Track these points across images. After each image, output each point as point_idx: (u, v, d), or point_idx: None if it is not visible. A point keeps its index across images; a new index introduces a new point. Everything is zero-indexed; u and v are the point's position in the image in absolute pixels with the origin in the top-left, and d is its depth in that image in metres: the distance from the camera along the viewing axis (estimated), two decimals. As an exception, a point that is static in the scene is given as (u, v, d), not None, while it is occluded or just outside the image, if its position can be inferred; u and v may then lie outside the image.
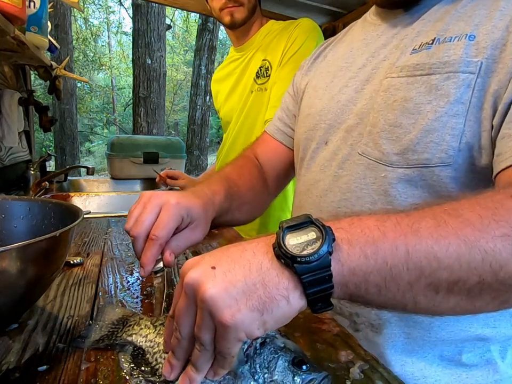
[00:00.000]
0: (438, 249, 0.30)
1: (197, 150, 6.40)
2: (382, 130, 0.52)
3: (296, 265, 0.29)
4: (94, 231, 0.89)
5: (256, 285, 0.30)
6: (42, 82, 4.45)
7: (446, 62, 0.48)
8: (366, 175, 0.54)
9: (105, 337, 0.42)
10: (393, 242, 0.31)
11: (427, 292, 0.31)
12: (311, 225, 0.32)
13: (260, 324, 0.30)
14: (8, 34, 0.81)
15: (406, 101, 0.50)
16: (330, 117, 0.62)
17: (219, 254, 0.33)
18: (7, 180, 1.34)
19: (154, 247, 0.46)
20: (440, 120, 0.47)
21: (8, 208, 0.55)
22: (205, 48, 6.15)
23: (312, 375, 0.33)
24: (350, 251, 0.31)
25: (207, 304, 0.29)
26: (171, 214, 0.48)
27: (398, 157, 0.50)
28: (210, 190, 0.60)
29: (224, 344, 0.30)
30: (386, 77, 0.54)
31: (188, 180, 1.51)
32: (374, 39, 0.61)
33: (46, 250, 0.40)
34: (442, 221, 0.32)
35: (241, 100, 1.23)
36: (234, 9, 1.11)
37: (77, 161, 6.85)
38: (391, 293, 0.32)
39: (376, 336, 0.55)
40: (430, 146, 0.47)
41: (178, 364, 0.34)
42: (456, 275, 0.30)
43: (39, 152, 2.72)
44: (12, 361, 0.38)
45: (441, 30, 0.51)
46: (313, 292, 0.30)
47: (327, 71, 0.68)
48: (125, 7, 11.16)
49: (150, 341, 0.39)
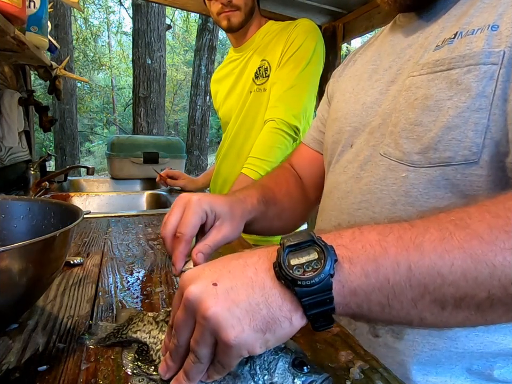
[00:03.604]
0: (441, 264, 0.29)
1: (197, 150, 6.40)
2: (403, 130, 0.50)
3: (297, 289, 0.29)
4: (94, 231, 0.89)
5: (260, 305, 0.30)
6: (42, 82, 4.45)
7: (466, 55, 0.45)
8: (386, 176, 0.53)
9: (112, 335, 0.42)
10: (394, 258, 0.30)
11: (433, 308, 0.30)
12: (313, 244, 0.31)
13: (262, 342, 0.30)
14: (8, 34, 0.81)
15: (427, 98, 0.48)
16: (355, 119, 0.61)
17: (219, 268, 0.33)
18: (7, 180, 1.34)
19: (181, 244, 0.47)
20: (462, 116, 0.44)
21: (8, 208, 0.55)
22: (205, 48, 6.15)
23: (313, 377, 0.32)
24: (351, 270, 0.30)
25: (209, 322, 0.29)
26: (193, 210, 0.48)
27: (419, 156, 0.48)
28: (241, 193, 0.61)
29: (224, 359, 0.30)
30: (408, 76, 0.52)
31: (188, 180, 1.51)
32: (400, 40, 0.60)
33: (46, 250, 0.40)
34: (448, 233, 0.30)
35: (240, 100, 1.23)
36: (231, 13, 1.12)
37: (77, 161, 6.85)
38: (394, 310, 0.31)
39: (397, 342, 0.52)
40: (452, 144, 0.45)
41: (174, 366, 0.34)
42: (462, 291, 0.29)
43: (39, 152, 2.73)
44: (12, 361, 0.38)
45: (465, 24, 0.48)
46: (313, 313, 0.30)
47: (355, 74, 0.67)
48: (125, 7, 11.16)
49: (154, 337, 0.40)
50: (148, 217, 1.06)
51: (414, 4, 0.55)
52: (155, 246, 0.78)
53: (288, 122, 1.07)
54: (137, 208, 1.52)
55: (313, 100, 1.17)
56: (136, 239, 0.84)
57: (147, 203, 1.54)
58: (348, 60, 0.76)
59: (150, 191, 1.57)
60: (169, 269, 0.65)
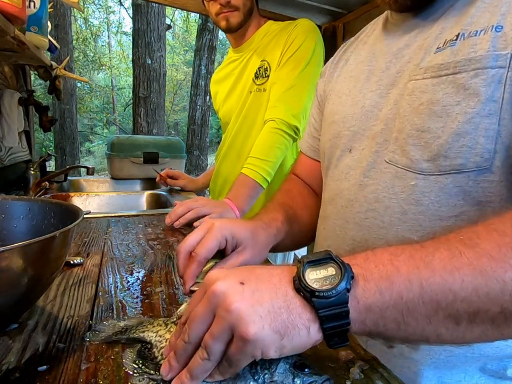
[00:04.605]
0: (452, 281, 0.30)
1: (197, 150, 6.40)
2: (409, 136, 0.49)
3: (315, 300, 0.31)
4: (94, 231, 0.89)
5: (281, 309, 0.31)
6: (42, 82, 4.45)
7: (472, 59, 0.44)
8: (394, 183, 0.51)
9: (119, 332, 0.43)
10: (406, 276, 0.31)
11: (448, 324, 0.31)
12: (331, 261, 0.33)
13: (277, 347, 0.30)
14: (8, 34, 0.81)
15: (433, 103, 0.46)
16: (354, 123, 0.59)
17: (246, 272, 0.34)
18: (7, 180, 1.34)
19: (193, 263, 0.47)
20: (472, 122, 0.43)
21: (8, 208, 0.55)
22: (205, 48, 6.14)
23: (313, 377, 0.33)
24: (366, 287, 0.32)
25: (231, 315, 0.30)
26: (213, 235, 0.49)
27: (429, 163, 0.47)
28: (266, 216, 0.62)
29: (237, 356, 0.30)
30: (410, 79, 0.51)
31: (188, 180, 1.51)
32: (395, 39, 0.57)
33: (46, 250, 0.40)
34: (457, 252, 0.31)
35: (240, 100, 1.23)
36: (229, 14, 1.12)
37: (77, 161, 6.85)
38: (410, 327, 0.32)
39: (413, 352, 0.51)
40: (463, 151, 0.44)
41: (178, 366, 0.34)
42: (475, 306, 0.30)
43: (39, 152, 2.72)
44: (12, 361, 0.38)
45: (466, 24, 0.47)
46: (329, 326, 0.31)
47: (350, 75, 0.65)
48: (125, 7, 11.16)
49: (160, 336, 0.40)
50: (147, 217, 1.06)
51: (414, 4, 0.53)
52: (155, 246, 0.78)
53: (288, 122, 1.07)
54: (137, 208, 1.52)
55: (312, 100, 1.17)
56: (136, 239, 0.84)
57: (147, 203, 1.55)
58: (337, 58, 0.73)
59: (150, 191, 1.57)
60: (169, 269, 0.65)
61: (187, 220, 0.90)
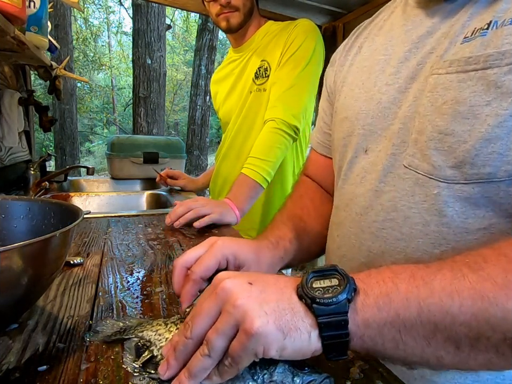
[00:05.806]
0: (451, 304, 0.30)
1: (197, 150, 6.39)
2: (430, 139, 0.43)
3: (315, 306, 0.31)
4: (94, 231, 0.89)
5: (286, 310, 0.32)
6: (42, 82, 4.44)
7: (506, 52, 0.38)
8: (414, 191, 0.46)
9: (119, 332, 0.43)
10: (405, 294, 0.31)
11: (448, 347, 0.31)
12: (335, 273, 0.34)
13: (279, 346, 0.30)
14: (8, 34, 0.81)
15: (458, 103, 0.41)
16: (369, 121, 0.53)
17: (255, 275, 0.36)
18: (7, 180, 1.34)
19: (189, 282, 0.44)
20: (504, 126, 0.37)
21: (8, 208, 0.55)
22: (205, 48, 6.14)
23: (313, 376, 0.33)
24: (365, 301, 0.32)
25: (237, 310, 0.30)
26: (213, 253, 0.46)
27: (453, 170, 0.41)
28: (273, 235, 0.60)
29: (238, 353, 0.30)
30: (432, 73, 0.44)
31: (188, 180, 1.52)
32: (416, 25, 0.50)
33: (46, 250, 0.40)
34: (460, 274, 0.31)
35: (240, 100, 1.23)
36: (229, 14, 1.13)
37: (77, 161, 6.84)
38: (409, 347, 0.31)
39: (435, 374, 0.47)
40: (493, 158, 0.38)
41: (176, 365, 0.34)
42: (475, 331, 0.29)
43: (39, 152, 2.72)
44: (12, 361, 0.38)
45: (500, 11, 0.40)
46: (328, 335, 0.31)
47: (363, 65, 0.58)
48: (125, 7, 11.16)
49: (159, 335, 0.41)
50: (148, 217, 1.06)
51: None
52: (155, 246, 0.78)
53: (288, 122, 1.07)
54: (137, 208, 1.52)
55: (313, 100, 1.17)
56: (136, 239, 0.84)
57: (147, 203, 1.54)
58: (349, 44, 0.66)
59: (150, 191, 1.57)
60: (169, 269, 0.65)
61: (187, 220, 0.90)
